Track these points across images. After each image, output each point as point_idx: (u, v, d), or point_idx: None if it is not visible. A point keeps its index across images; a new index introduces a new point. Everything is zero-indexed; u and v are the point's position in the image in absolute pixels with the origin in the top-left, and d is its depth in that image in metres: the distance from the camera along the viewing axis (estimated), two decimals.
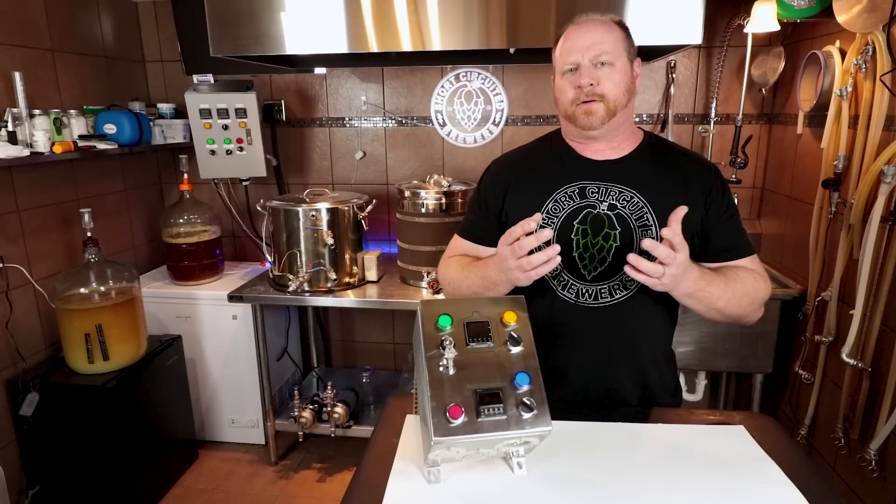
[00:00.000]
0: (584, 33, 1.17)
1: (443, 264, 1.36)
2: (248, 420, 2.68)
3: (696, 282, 1.08)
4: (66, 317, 2.07)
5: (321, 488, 2.45)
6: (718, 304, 1.13)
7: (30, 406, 2.03)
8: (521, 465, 0.95)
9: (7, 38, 2.07)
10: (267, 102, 2.78)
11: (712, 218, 1.22)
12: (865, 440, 1.75)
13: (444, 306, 0.99)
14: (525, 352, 0.95)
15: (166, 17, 2.75)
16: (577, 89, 1.17)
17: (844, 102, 1.83)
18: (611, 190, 1.21)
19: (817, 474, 0.97)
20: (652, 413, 1.22)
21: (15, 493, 2.12)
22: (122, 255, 2.68)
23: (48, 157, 2.02)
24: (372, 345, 3.08)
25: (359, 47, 1.98)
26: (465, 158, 2.78)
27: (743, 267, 1.21)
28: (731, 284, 1.14)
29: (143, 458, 2.25)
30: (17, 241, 2.12)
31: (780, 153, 2.43)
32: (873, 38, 1.69)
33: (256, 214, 2.79)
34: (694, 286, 1.08)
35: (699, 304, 1.13)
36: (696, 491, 0.91)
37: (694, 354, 2.22)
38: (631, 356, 1.24)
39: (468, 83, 2.68)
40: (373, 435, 1.11)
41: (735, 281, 1.15)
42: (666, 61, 2.49)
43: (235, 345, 2.59)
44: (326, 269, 2.35)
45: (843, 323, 1.88)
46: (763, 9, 2.03)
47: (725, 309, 1.14)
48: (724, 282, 1.13)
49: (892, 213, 1.63)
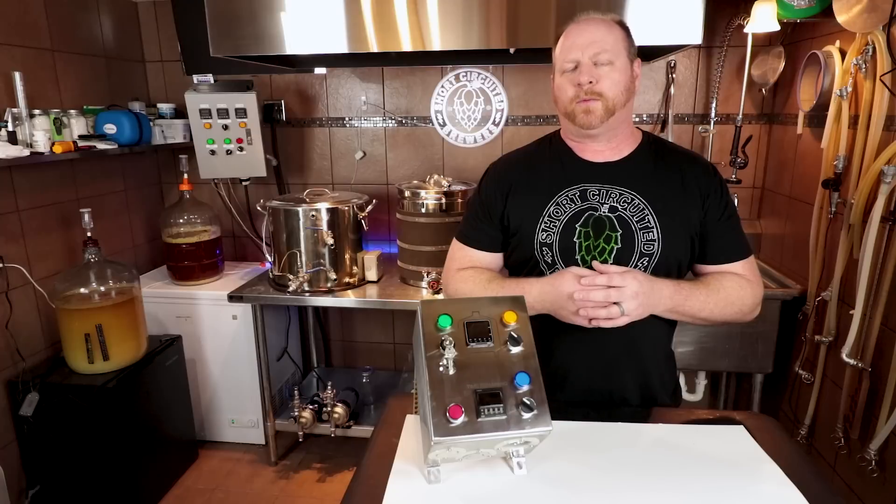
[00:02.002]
0: (584, 31, 1.17)
1: (454, 278, 1.31)
2: (248, 420, 2.68)
3: (672, 298, 1.13)
4: (66, 317, 2.07)
5: (321, 488, 2.45)
6: (702, 315, 1.18)
7: (30, 406, 2.02)
8: (521, 465, 0.95)
9: (7, 38, 2.07)
10: (267, 102, 2.78)
11: (711, 219, 1.22)
12: (865, 440, 1.75)
13: (444, 306, 0.99)
14: (525, 352, 0.95)
15: (166, 17, 2.75)
16: (577, 87, 1.17)
17: (844, 102, 1.83)
18: (611, 192, 1.21)
19: (817, 474, 0.97)
20: (652, 413, 1.22)
21: (15, 493, 2.12)
22: (122, 255, 2.68)
23: (48, 157, 2.02)
24: (372, 345, 3.08)
25: (359, 47, 1.98)
26: (465, 158, 2.78)
27: (730, 274, 1.22)
28: (713, 295, 1.17)
29: (143, 458, 2.25)
30: (17, 241, 2.12)
31: (780, 153, 2.42)
32: (873, 38, 1.69)
33: (256, 214, 2.79)
34: (671, 302, 1.14)
35: (682, 317, 1.19)
36: (696, 491, 0.91)
37: (694, 354, 2.21)
38: (633, 357, 1.24)
39: (468, 83, 2.68)
40: (373, 435, 1.11)
41: (718, 291, 1.18)
42: (666, 61, 2.50)
43: (235, 345, 2.59)
44: (326, 269, 2.35)
45: (843, 323, 1.88)
46: (763, 9, 2.03)
47: (710, 317, 1.19)
48: (705, 293, 1.17)
49: (892, 213, 1.63)
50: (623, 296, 1.06)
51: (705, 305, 1.16)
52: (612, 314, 1.07)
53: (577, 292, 1.08)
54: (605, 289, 1.07)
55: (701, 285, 1.19)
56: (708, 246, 1.23)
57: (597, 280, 1.09)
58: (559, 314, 1.14)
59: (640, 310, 1.09)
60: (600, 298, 1.07)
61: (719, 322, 1.21)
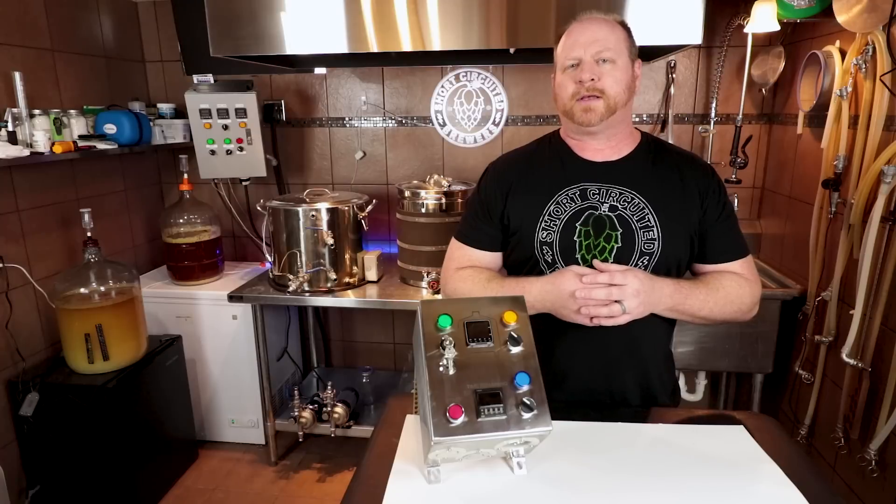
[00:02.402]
0: (587, 30, 1.18)
1: (453, 277, 1.31)
2: (248, 420, 2.68)
3: (673, 296, 1.14)
4: (66, 317, 2.07)
5: (321, 488, 2.45)
6: (701, 314, 1.18)
7: (30, 406, 2.03)
8: (521, 465, 0.95)
9: (7, 38, 2.07)
10: (267, 102, 2.78)
11: (709, 219, 1.22)
12: (865, 440, 1.75)
13: (444, 306, 0.99)
14: (525, 352, 0.95)
15: (166, 17, 2.75)
16: (578, 84, 1.17)
17: (844, 102, 1.83)
18: (612, 191, 1.21)
19: (817, 474, 0.97)
20: (652, 413, 1.22)
21: (15, 493, 2.12)
22: (122, 255, 2.68)
23: (48, 157, 2.02)
24: (372, 345, 3.08)
25: (359, 47, 1.98)
26: (465, 158, 2.78)
27: (729, 273, 1.23)
28: (712, 294, 1.18)
29: (143, 458, 2.25)
30: (17, 241, 2.12)
31: (780, 153, 2.42)
32: (873, 38, 1.69)
33: (256, 214, 2.79)
34: (671, 301, 1.14)
35: (683, 316, 1.19)
36: (695, 491, 0.91)
37: (694, 354, 2.21)
38: (633, 357, 1.24)
39: (468, 83, 2.68)
40: (373, 435, 1.11)
41: (717, 290, 1.19)
42: (666, 61, 2.49)
43: (235, 345, 2.59)
44: (326, 269, 2.35)
45: (843, 323, 1.88)
46: (763, 9, 2.03)
47: (710, 316, 1.19)
48: (704, 292, 1.18)
49: (892, 213, 1.63)
50: (624, 294, 1.07)
51: (705, 304, 1.17)
52: (614, 312, 1.08)
53: (579, 290, 1.09)
54: (606, 287, 1.08)
55: (701, 284, 1.20)
56: (707, 246, 1.24)
57: (598, 278, 1.09)
58: (560, 313, 1.15)
59: (641, 308, 1.10)
60: (602, 296, 1.08)
61: (719, 321, 1.22)
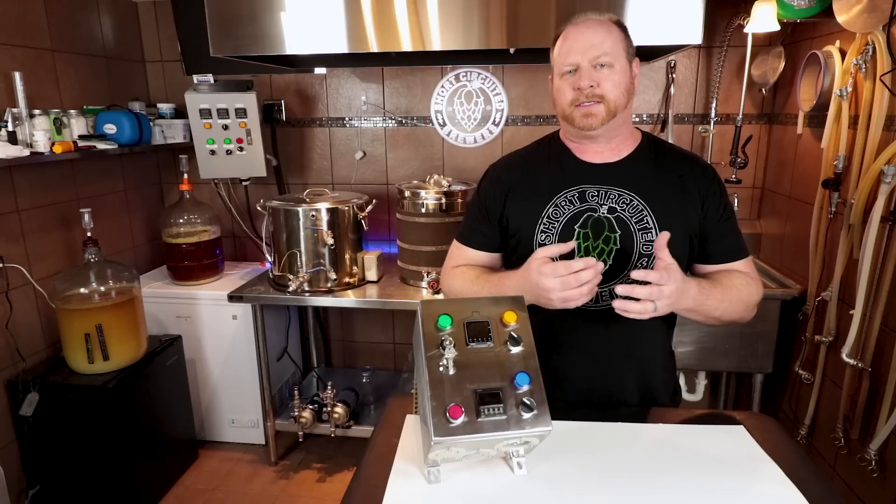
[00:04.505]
0: (583, 34, 1.16)
1: (447, 275, 1.33)
2: (248, 420, 2.68)
3: (696, 297, 1.10)
4: (66, 317, 2.07)
5: (321, 488, 2.45)
6: (716, 314, 1.15)
7: (30, 406, 2.02)
8: (521, 465, 0.95)
9: (7, 38, 2.07)
10: (267, 102, 2.78)
11: (710, 220, 1.22)
12: (865, 440, 1.75)
13: (444, 306, 0.99)
14: (525, 352, 0.95)
15: (166, 17, 2.75)
16: (577, 91, 1.16)
17: (844, 102, 1.83)
18: (610, 193, 1.21)
19: (817, 474, 0.97)
20: (652, 413, 1.22)
21: (15, 493, 2.12)
22: (122, 255, 2.68)
23: (48, 157, 2.02)
24: (372, 345, 3.08)
25: (359, 47, 1.98)
26: (465, 158, 2.78)
27: (737, 272, 1.22)
28: (727, 293, 1.16)
29: (143, 458, 2.25)
30: (17, 241, 2.12)
31: (780, 153, 2.42)
32: (873, 38, 1.69)
33: (256, 214, 2.79)
34: (693, 302, 1.10)
35: (698, 316, 1.15)
36: (696, 491, 0.91)
37: (694, 354, 2.21)
38: (632, 358, 1.24)
39: (468, 83, 2.68)
40: (373, 435, 1.11)
41: (730, 288, 1.17)
42: (666, 61, 2.49)
43: (235, 345, 2.59)
44: (326, 269, 2.35)
45: (843, 323, 1.88)
46: (763, 9, 2.03)
47: (723, 316, 1.17)
48: (720, 291, 1.15)
49: (892, 213, 1.63)
50: (662, 294, 1.02)
51: (721, 304, 1.14)
52: (646, 311, 1.02)
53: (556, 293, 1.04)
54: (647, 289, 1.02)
55: (717, 284, 1.17)
56: (709, 246, 1.23)
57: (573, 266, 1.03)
58: (539, 302, 1.09)
59: (669, 308, 1.05)
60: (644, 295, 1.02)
61: (726, 321, 1.19)
